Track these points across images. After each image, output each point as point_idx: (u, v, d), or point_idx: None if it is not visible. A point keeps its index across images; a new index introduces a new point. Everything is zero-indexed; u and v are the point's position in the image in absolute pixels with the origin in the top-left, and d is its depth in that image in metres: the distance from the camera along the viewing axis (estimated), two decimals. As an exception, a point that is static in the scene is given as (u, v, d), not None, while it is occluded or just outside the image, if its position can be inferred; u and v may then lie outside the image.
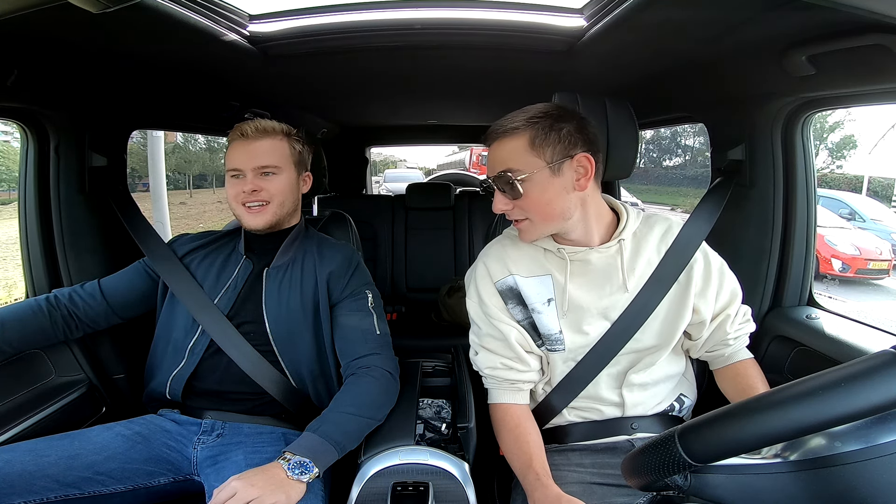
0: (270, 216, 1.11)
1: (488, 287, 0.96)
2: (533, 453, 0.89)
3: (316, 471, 0.90)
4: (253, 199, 1.09)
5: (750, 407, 0.50)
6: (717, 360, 1.01)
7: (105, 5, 0.57)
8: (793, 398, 0.47)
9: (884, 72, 0.78)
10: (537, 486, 0.82)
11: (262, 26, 1.04)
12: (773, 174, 1.19)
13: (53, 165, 1.16)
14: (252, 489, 0.82)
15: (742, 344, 0.99)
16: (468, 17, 1.04)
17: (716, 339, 0.98)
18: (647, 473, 0.55)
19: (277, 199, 1.12)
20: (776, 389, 0.50)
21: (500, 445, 0.97)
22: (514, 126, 0.85)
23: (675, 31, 0.86)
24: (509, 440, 0.94)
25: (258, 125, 1.12)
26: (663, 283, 0.93)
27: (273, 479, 0.86)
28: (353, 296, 1.15)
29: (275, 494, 0.83)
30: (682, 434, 0.52)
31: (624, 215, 0.94)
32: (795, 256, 1.21)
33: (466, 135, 3.24)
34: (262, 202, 1.10)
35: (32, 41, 0.85)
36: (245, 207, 1.10)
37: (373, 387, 1.05)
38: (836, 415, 0.45)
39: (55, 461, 0.90)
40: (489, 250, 1.00)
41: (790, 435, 0.47)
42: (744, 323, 0.99)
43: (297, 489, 0.88)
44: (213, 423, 1.07)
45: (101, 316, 1.12)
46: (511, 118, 0.86)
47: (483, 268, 0.98)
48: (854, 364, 0.46)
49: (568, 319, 0.92)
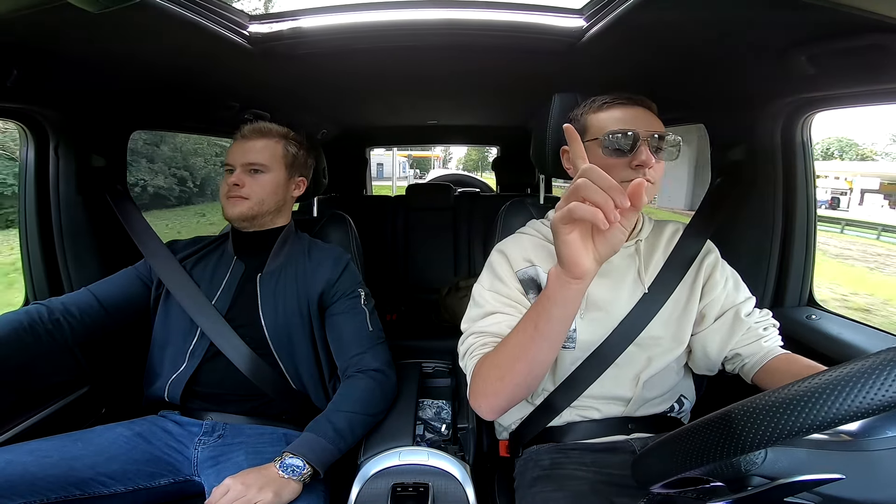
0: (246, 209, 1.14)
1: (508, 273, 0.94)
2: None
3: (309, 469, 0.91)
4: (234, 192, 1.13)
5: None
6: (755, 359, 0.91)
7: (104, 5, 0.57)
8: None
9: (884, 71, 0.79)
10: (556, 286, 0.66)
11: (262, 27, 1.04)
12: (774, 174, 1.19)
13: (53, 166, 1.16)
14: (241, 487, 0.84)
15: (776, 337, 0.93)
16: (468, 17, 1.04)
17: (744, 337, 0.92)
18: (711, 454, 0.45)
19: (257, 197, 1.14)
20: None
21: (495, 384, 0.79)
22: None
23: (674, 31, 0.86)
24: (501, 351, 0.79)
25: (256, 126, 1.17)
26: (669, 283, 0.94)
27: (264, 477, 0.88)
28: (345, 296, 1.17)
29: (263, 492, 0.85)
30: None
31: (641, 217, 0.97)
32: (796, 256, 1.21)
33: (467, 135, 3.24)
34: (241, 197, 1.13)
35: (32, 41, 0.85)
36: (226, 198, 1.14)
37: (369, 385, 1.07)
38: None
39: (57, 461, 0.90)
40: (507, 243, 0.99)
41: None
42: (766, 318, 0.95)
43: (290, 488, 0.89)
44: (214, 423, 1.07)
45: (98, 323, 1.10)
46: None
47: (502, 256, 0.96)
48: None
49: (583, 318, 0.93)
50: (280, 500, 0.87)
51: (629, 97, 0.90)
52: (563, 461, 0.92)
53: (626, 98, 0.90)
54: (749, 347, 0.91)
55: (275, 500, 0.85)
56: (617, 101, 0.90)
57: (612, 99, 0.91)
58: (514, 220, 1.17)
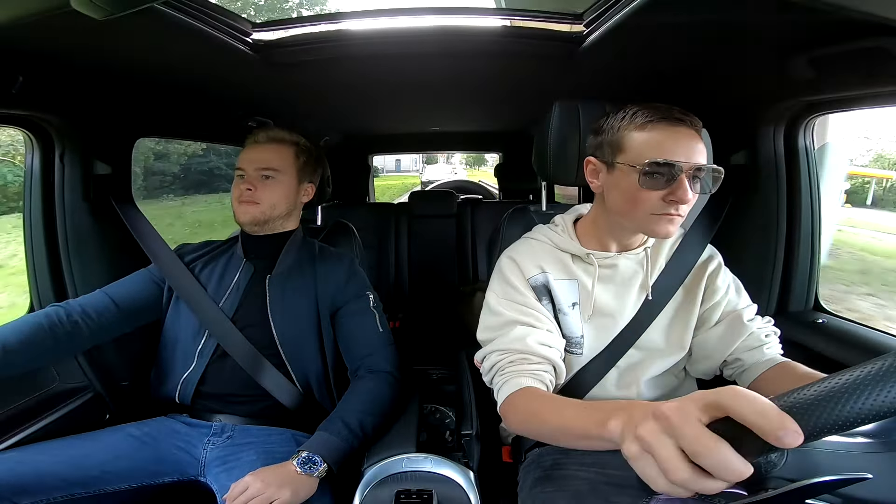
0: (258, 213, 1.15)
1: (520, 280, 0.93)
2: (572, 401, 0.74)
3: (325, 466, 0.93)
4: (246, 196, 1.14)
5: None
6: (755, 366, 0.90)
7: (108, 12, 0.58)
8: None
9: (885, 74, 0.78)
10: (621, 409, 0.56)
11: (265, 34, 1.05)
12: (777, 178, 1.18)
13: (58, 173, 1.17)
14: (260, 484, 0.86)
15: (777, 346, 0.92)
16: (469, 24, 1.05)
17: (745, 342, 0.91)
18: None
19: (268, 202, 1.16)
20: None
21: (531, 428, 0.78)
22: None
23: (674, 35, 0.87)
24: (548, 410, 0.73)
25: (270, 133, 1.20)
26: (669, 288, 0.95)
27: (282, 475, 0.89)
28: (354, 299, 1.18)
29: (281, 490, 0.86)
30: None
31: None
32: (801, 261, 1.20)
33: (469, 141, 3.25)
34: (253, 201, 1.15)
35: (37, 49, 0.86)
36: (238, 202, 1.16)
37: (379, 386, 1.09)
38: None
39: (65, 460, 0.92)
40: (516, 248, 0.99)
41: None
42: (768, 325, 0.94)
43: (307, 485, 0.90)
44: (223, 425, 1.08)
45: (115, 324, 1.12)
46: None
47: (512, 263, 0.95)
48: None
49: (591, 324, 0.93)
50: (297, 497, 0.88)
51: (675, 115, 0.80)
52: (564, 461, 0.92)
53: (671, 116, 0.80)
54: (751, 353, 0.90)
55: (293, 498, 0.87)
56: (661, 119, 0.80)
57: (655, 115, 0.81)
58: (517, 227, 1.18)
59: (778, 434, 0.36)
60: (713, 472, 0.39)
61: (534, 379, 0.83)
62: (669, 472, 0.41)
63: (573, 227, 0.98)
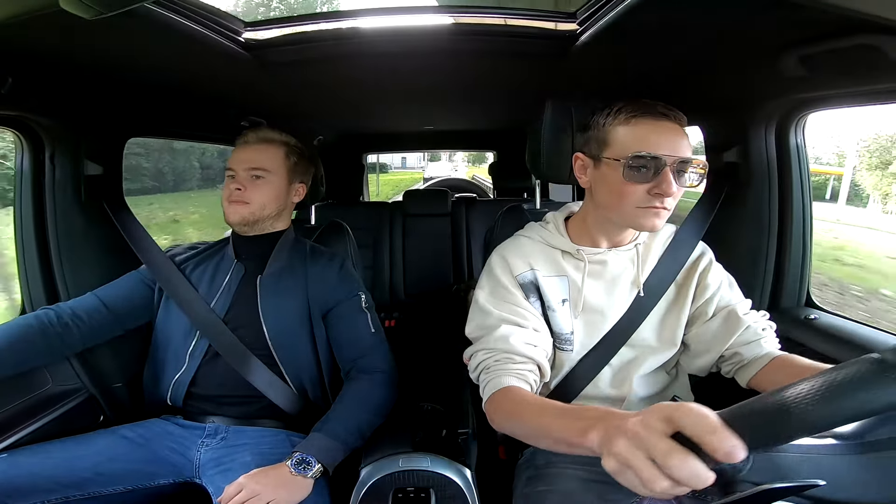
0: (247, 213, 1.15)
1: (509, 279, 0.94)
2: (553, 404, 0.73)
3: (319, 466, 0.92)
4: (236, 197, 1.14)
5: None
6: (754, 361, 0.90)
7: (98, 11, 0.57)
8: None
9: (874, 72, 0.79)
10: (599, 420, 0.57)
11: (257, 34, 1.04)
12: (768, 176, 1.19)
13: (49, 174, 1.16)
14: (255, 486, 0.86)
15: (774, 340, 0.92)
16: (462, 23, 1.05)
17: (742, 336, 0.91)
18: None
19: (258, 202, 1.15)
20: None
21: (513, 428, 0.78)
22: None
23: (666, 34, 0.87)
24: (530, 412, 0.75)
25: (260, 134, 1.20)
26: (660, 285, 0.95)
27: (278, 477, 0.89)
28: (346, 299, 1.18)
29: (276, 492, 0.86)
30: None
31: None
32: (792, 257, 1.21)
33: (463, 140, 3.25)
34: (242, 201, 1.14)
35: (26, 49, 0.85)
36: (228, 202, 1.15)
37: (373, 386, 1.09)
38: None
39: (59, 462, 0.92)
40: (506, 246, 0.99)
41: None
42: (763, 319, 0.94)
43: (302, 487, 0.90)
44: (216, 426, 1.08)
45: (106, 327, 1.11)
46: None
47: (502, 261, 0.96)
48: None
49: (581, 320, 0.93)
50: (293, 498, 0.88)
51: (658, 109, 0.82)
52: (556, 459, 0.92)
53: (655, 110, 0.82)
54: (748, 347, 0.90)
55: (288, 499, 0.87)
56: (645, 113, 0.83)
57: (639, 110, 0.83)
58: (511, 225, 1.18)
59: (722, 451, 0.41)
60: (685, 483, 0.43)
61: (518, 378, 0.84)
62: (648, 483, 0.45)
63: (564, 225, 0.99)
